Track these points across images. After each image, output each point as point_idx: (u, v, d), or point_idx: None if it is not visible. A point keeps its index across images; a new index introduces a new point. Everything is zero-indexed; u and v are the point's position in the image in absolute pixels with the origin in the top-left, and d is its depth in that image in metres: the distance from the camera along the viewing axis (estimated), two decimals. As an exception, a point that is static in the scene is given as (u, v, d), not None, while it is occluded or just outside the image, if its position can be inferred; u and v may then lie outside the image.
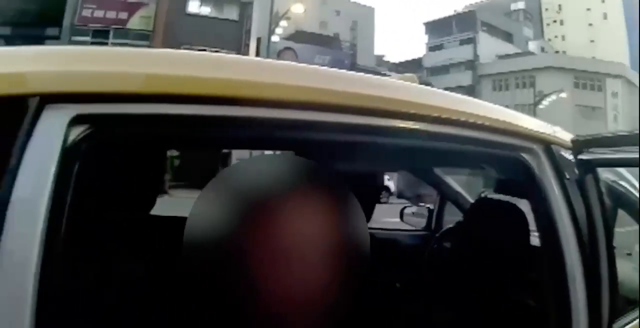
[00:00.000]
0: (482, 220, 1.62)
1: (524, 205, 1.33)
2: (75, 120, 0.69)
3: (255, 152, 1.94)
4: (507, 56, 39.23)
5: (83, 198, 0.77)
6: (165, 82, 0.76)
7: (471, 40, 38.15)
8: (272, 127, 0.82)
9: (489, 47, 38.26)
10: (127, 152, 1.07)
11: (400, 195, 8.25)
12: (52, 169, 0.66)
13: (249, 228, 0.62)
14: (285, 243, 0.62)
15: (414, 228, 2.67)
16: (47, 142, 0.67)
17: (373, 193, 1.58)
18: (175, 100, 0.74)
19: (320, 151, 0.94)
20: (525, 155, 1.08)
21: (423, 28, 41.50)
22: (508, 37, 43.09)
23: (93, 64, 0.76)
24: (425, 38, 41.16)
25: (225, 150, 15.30)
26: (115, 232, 1.11)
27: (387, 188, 14.90)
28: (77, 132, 0.70)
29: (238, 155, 16.45)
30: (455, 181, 2.38)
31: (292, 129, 0.85)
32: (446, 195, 2.43)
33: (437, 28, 39.72)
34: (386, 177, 16.78)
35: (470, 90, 33.95)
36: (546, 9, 54.89)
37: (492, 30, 40.04)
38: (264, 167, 0.69)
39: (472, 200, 2.22)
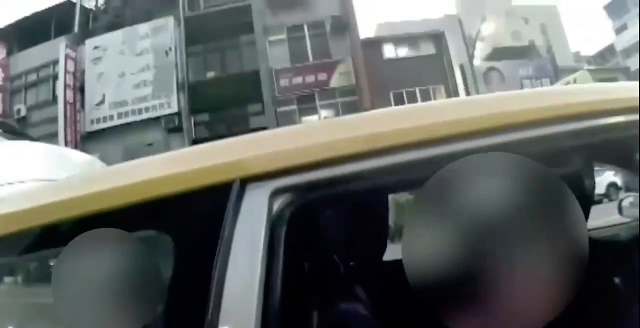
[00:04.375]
0: None
1: None
2: (275, 193, 0.83)
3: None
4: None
5: (299, 257, 1.01)
6: (344, 144, 0.88)
7: None
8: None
9: None
10: (336, 209, 1.31)
11: (628, 188, 7.19)
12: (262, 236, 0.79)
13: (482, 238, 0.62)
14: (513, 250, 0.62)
15: (632, 219, 2.33)
16: (253, 214, 0.81)
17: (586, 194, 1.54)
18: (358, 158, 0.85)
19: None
20: None
21: (604, 13, 39.26)
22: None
23: (282, 143, 0.92)
24: (609, 22, 39.07)
25: None
26: (337, 283, 1.32)
27: (614, 184, 14.42)
28: (279, 202, 0.82)
29: None
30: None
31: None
32: None
33: (615, 9, 37.22)
34: (611, 172, 15.09)
35: None
36: None
37: None
38: (477, 170, 0.67)
39: None
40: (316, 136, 0.94)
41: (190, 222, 0.88)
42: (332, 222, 1.34)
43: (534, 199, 0.64)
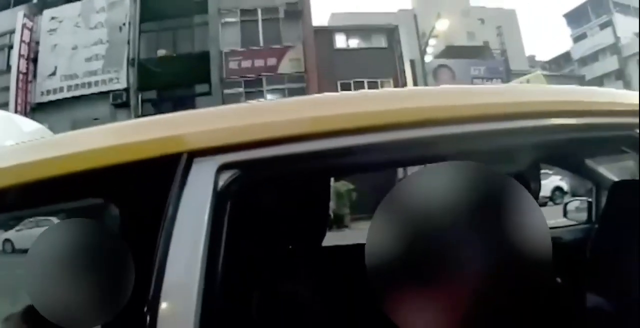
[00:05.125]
0: (624, 203, 1.56)
1: None
2: (222, 168, 0.83)
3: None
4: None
5: (242, 234, 0.97)
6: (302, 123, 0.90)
7: (608, 23, 35.20)
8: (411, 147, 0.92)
9: (626, 26, 34.66)
10: (281, 189, 1.28)
11: (574, 193, 8.29)
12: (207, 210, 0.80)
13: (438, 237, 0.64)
14: (468, 253, 0.63)
15: (576, 223, 2.53)
16: (199, 187, 0.82)
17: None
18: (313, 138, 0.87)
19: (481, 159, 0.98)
20: None
21: (564, 20, 39.51)
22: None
23: (231, 120, 0.93)
24: (568, 30, 39.27)
25: (400, 177, 15.19)
26: (280, 262, 1.35)
27: (560, 189, 15.40)
28: (225, 177, 0.83)
29: None
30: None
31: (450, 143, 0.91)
32: (601, 185, 2.32)
33: (576, 18, 37.59)
34: (558, 177, 15.47)
35: (619, 75, 31.56)
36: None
37: (625, 8, 36.57)
38: (437, 178, 0.68)
39: None
40: (265, 115, 0.95)
41: (137, 193, 0.88)
42: (275, 202, 1.32)
43: (488, 203, 0.66)
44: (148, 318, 0.75)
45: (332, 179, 1.37)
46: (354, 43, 19.26)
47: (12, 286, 1.07)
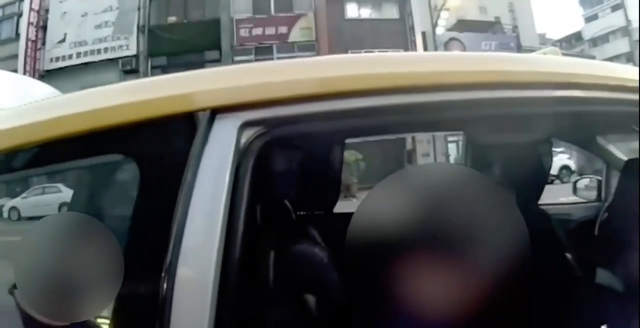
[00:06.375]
0: (635, 181, 1.56)
1: None
2: (245, 125, 0.83)
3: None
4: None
5: (261, 194, 1.02)
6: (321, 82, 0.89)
7: (620, 6, 34.67)
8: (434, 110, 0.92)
9: (637, 10, 34.59)
10: (300, 150, 1.30)
11: (581, 173, 8.00)
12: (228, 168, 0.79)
13: (414, 227, 0.65)
14: (443, 245, 0.65)
15: (586, 200, 2.52)
16: (221, 144, 0.81)
17: (541, 173, 1.69)
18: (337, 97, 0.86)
19: (486, 128, 1.13)
20: None
21: (577, 0, 39.43)
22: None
23: (254, 77, 0.91)
24: (580, 10, 39.31)
25: (409, 148, 16.72)
26: (293, 225, 1.38)
27: (567, 167, 15.38)
28: (248, 134, 0.83)
29: (422, 151, 15.52)
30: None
31: (459, 109, 0.93)
32: (612, 164, 2.29)
33: None
34: (566, 156, 15.41)
35: (629, 57, 31.26)
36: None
37: None
38: (431, 174, 0.72)
39: None
40: (288, 73, 0.94)
41: (158, 150, 0.88)
42: (294, 165, 1.32)
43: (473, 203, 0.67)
44: (166, 282, 0.73)
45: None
46: (365, 13, 19.07)
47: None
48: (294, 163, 1.32)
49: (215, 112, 0.83)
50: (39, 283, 0.76)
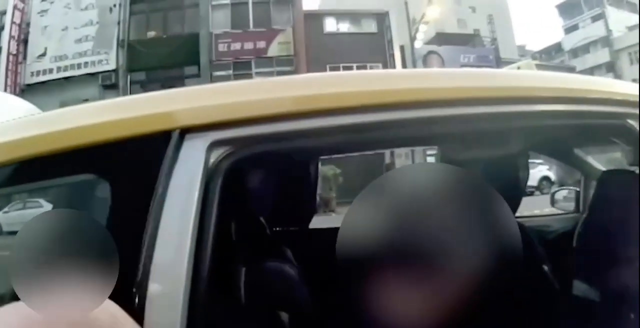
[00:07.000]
0: (612, 193, 1.58)
1: None
2: (213, 144, 0.84)
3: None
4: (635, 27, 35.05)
5: (232, 212, 1.02)
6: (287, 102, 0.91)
7: (601, 16, 35.32)
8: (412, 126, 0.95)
9: (618, 20, 34.88)
10: (271, 169, 1.31)
11: (561, 184, 8.14)
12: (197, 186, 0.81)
13: (403, 234, 0.63)
14: (435, 249, 0.63)
15: (564, 212, 2.55)
16: (190, 164, 0.83)
17: (516, 187, 1.60)
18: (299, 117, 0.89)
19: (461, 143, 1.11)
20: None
21: (556, 11, 39.42)
22: (633, 7, 38.98)
23: (223, 97, 0.93)
24: (560, 21, 39.19)
25: (387, 161, 16.58)
26: (265, 242, 1.35)
27: (547, 178, 15.62)
28: (216, 154, 0.84)
29: (401, 164, 15.86)
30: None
31: (433, 125, 0.95)
32: (590, 175, 2.31)
33: (568, 9, 37.54)
34: (545, 167, 15.57)
35: (609, 67, 31.81)
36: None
37: (617, 2, 36.72)
38: (414, 176, 0.70)
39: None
40: (257, 92, 0.95)
41: (128, 169, 0.89)
42: (266, 181, 1.33)
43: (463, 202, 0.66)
44: (137, 298, 0.75)
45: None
46: (344, 27, 19.26)
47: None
48: (265, 181, 1.33)
49: (185, 132, 0.85)
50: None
